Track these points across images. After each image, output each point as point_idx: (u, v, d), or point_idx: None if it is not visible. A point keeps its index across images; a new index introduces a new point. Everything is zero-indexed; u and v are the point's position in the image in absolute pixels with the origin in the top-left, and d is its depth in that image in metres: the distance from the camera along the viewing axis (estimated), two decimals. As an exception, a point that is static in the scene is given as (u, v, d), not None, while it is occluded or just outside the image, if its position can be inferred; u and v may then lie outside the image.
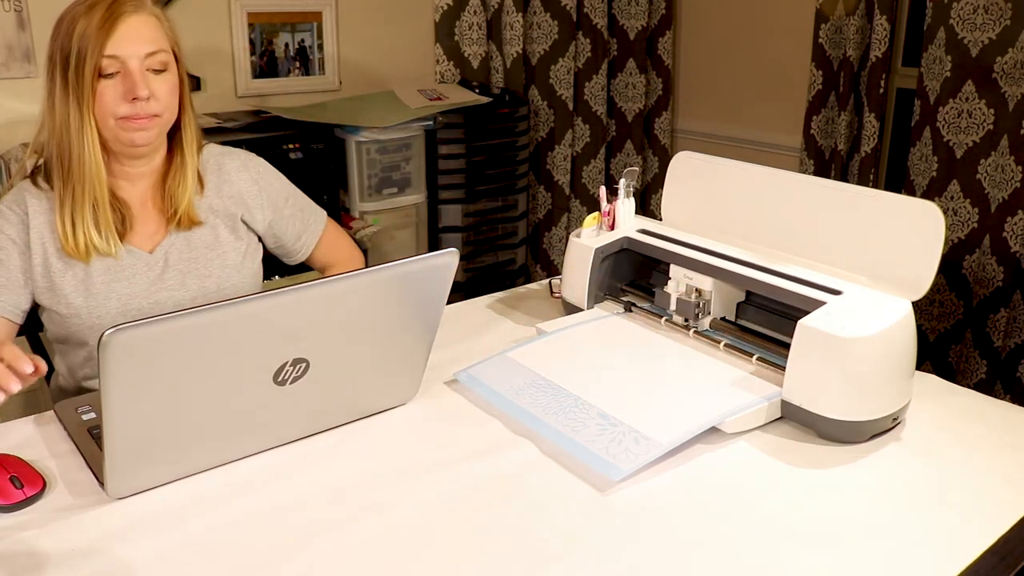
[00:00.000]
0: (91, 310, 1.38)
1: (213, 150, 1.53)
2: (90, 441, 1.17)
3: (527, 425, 1.23)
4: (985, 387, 2.81)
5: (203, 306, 0.96)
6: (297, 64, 3.05)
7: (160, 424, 1.02)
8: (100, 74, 1.31)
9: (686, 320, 1.43)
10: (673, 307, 1.44)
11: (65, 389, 1.47)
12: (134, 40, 1.32)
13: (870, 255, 1.32)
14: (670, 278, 1.46)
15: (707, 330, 1.42)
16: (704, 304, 1.41)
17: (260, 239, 1.57)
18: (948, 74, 2.71)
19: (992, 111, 2.66)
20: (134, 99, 1.32)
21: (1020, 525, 1.03)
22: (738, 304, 1.44)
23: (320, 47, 3.09)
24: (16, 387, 1.00)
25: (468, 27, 3.32)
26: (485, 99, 3.08)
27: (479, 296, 1.73)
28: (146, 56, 1.33)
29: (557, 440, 1.18)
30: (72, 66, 1.30)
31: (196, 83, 1.39)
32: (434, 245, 3.07)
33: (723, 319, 1.43)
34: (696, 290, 1.41)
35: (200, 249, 1.47)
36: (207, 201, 1.48)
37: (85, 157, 1.32)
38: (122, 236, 1.40)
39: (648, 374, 1.33)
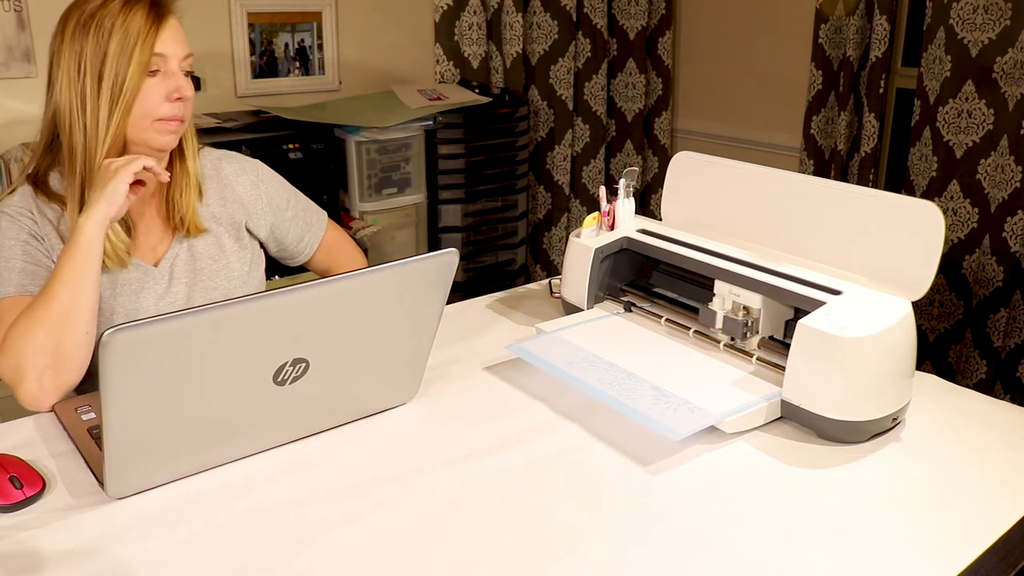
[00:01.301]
0: (98, 327, 1.32)
1: (209, 154, 1.50)
2: (90, 441, 1.17)
3: (586, 395, 1.29)
4: (985, 387, 2.81)
5: (203, 306, 0.96)
6: (297, 64, 3.06)
7: (160, 424, 1.02)
8: (146, 72, 1.29)
9: (732, 339, 1.39)
10: (719, 325, 1.39)
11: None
12: (176, 41, 1.32)
13: (870, 255, 1.32)
14: (715, 294, 1.41)
15: (707, 329, 1.42)
16: (752, 323, 1.37)
17: (262, 245, 1.55)
18: (948, 74, 2.71)
19: (992, 111, 2.66)
20: (178, 99, 1.31)
21: (1020, 525, 1.03)
22: (786, 322, 1.39)
23: (320, 47, 3.09)
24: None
25: (468, 27, 3.32)
26: (485, 99, 3.08)
27: (479, 296, 1.73)
28: (184, 57, 1.33)
29: (615, 407, 1.23)
30: (113, 63, 1.27)
31: (196, 83, 1.39)
32: (434, 245, 3.07)
33: (771, 338, 1.38)
34: (744, 308, 1.38)
35: (204, 260, 1.44)
36: (209, 209, 1.46)
37: (105, 160, 1.29)
38: (129, 249, 1.37)
39: (664, 367, 1.34)
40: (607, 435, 1.22)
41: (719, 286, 1.40)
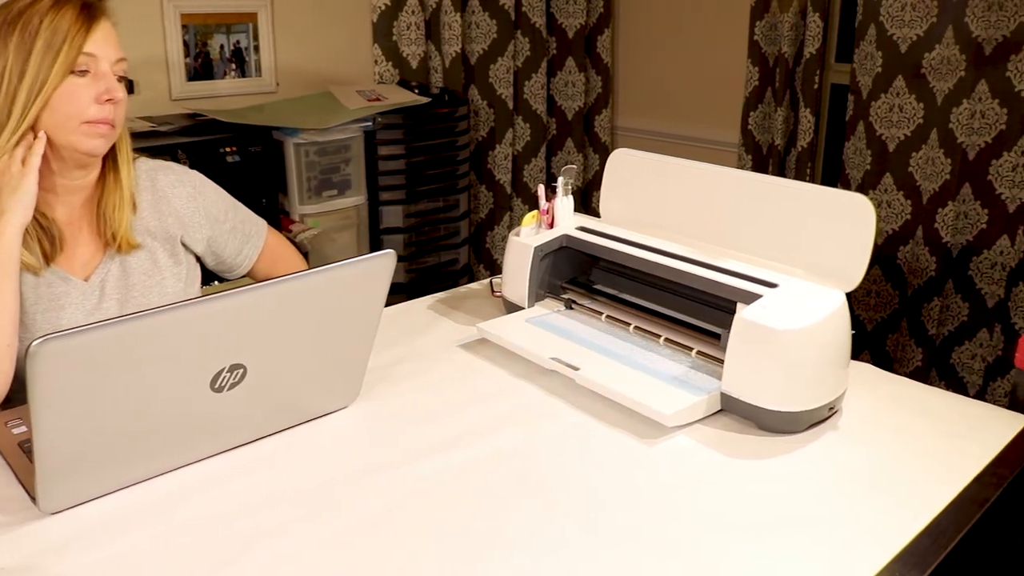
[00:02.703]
0: (24, 342, 1.27)
1: (144, 165, 1.45)
2: (21, 455, 1.13)
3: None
4: (921, 374, 2.88)
5: (134, 313, 0.94)
6: (233, 66, 3.02)
7: (93, 435, 1.00)
8: (71, 71, 1.26)
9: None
10: None
11: None
12: (108, 43, 1.29)
13: (804, 248, 1.34)
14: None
15: (647, 325, 1.43)
16: None
17: (199, 259, 1.50)
18: (879, 70, 2.77)
19: (922, 105, 2.72)
20: (108, 100, 1.28)
21: (951, 507, 1.06)
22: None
23: (256, 48, 3.05)
24: None
25: (406, 27, 3.31)
26: (424, 99, 3.07)
27: (422, 297, 1.72)
28: (116, 61, 1.30)
29: (641, 370, 1.32)
30: (37, 59, 1.23)
31: (129, 86, 1.35)
32: (375, 247, 3.05)
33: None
34: None
35: (137, 275, 1.39)
36: (143, 222, 1.41)
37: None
38: (49, 258, 1.32)
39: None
40: (549, 434, 1.22)
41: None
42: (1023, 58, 2.50)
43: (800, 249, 1.34)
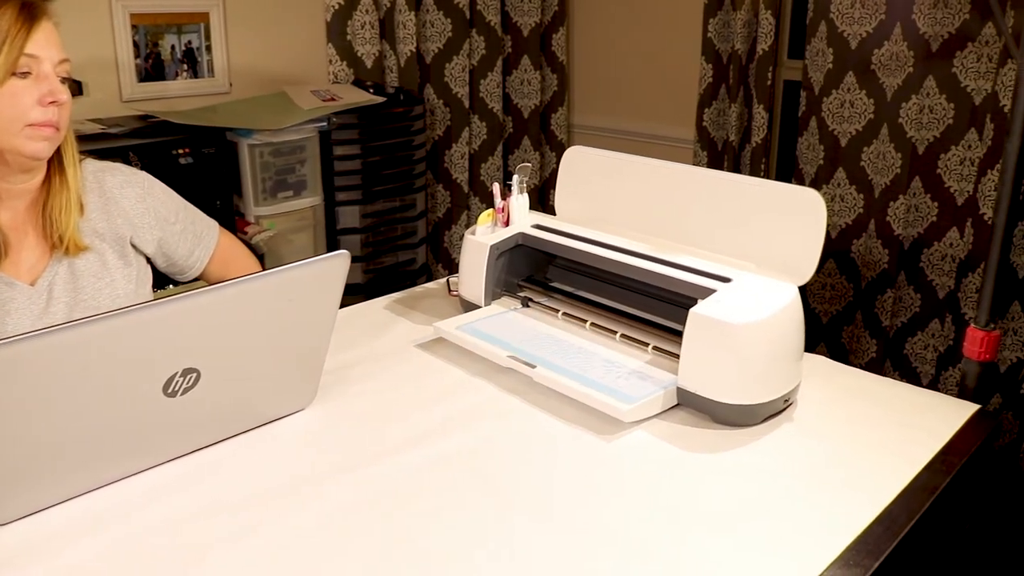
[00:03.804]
0: None
1: (91, 166, 1.42)
2: (-31, 465, 1.11)
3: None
4: (876, 366, 2.92)
5: (83, 319, 0.92)
6: (185, 67, 2.98)
7: (42, 444, 0.98)
8: (12, 73, 1.23)
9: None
10: None
11: None
12: (51, 43, 1.26)
13: (757, 243, 1.35)
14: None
15: (603, 321, 1.44)
16: None
17: (150, 261, 1.48)
18: (831, 66, 2.80)
19: (872, 101, 2.76)
20: (52, 103, 1.25)
21: (902, 496, 1.07)
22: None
23: (208, 49, 3.01)
24: None
25: (360, 26, 3.29)
26: (380, 99, 3.06)
27: (380, 297, 1.71)
28: (59, 62, 1.27)
29: (571, 378, 1.29)
30: None
31: (78, 87, 1.33)
32: (332, 247, 3.03)
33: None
34: None
35: (87, 278, 1.37)
36: (91, 224, 1.38)
37: None
38: None
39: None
40: (507, 432, 1.22)
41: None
42: (968, 54, 2.55)
43: (753, 244, 1.36)
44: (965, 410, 1.29)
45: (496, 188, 1.58)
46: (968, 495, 1.23)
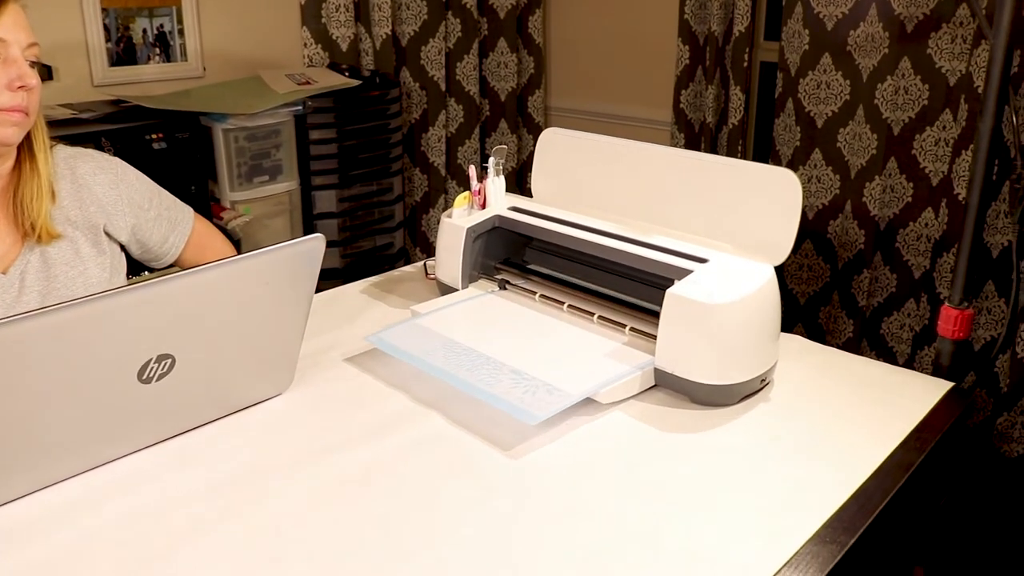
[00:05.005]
0: None
1: (62, 152, 1.40)
2: (-60, 454, 1.10)
3: (445, 383, 1.24)
4: (852, 345, 2.94)
5: (56, 305, 0.91)
6: (157, 51, 2.95)
7: (14, 433, 0.97)
8: None
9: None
10: None
11: None
12: (19, 26, 1.24)
13: (733, 223, 1.35)
14: None
15: (581, 303, 1.44)
16: None
17: (124, 248, 1.47)
18: (807, 47, 2.81)
19: (848, 82, 2.77)
20: (21, 87, 1.23)
21: (876, 474, 1.08)
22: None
23: (181, 32, 2.98)
24: None
25: (335, 9, 3.26)
26: (355, 82, 3.04)
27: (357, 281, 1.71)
28: (28, 46, 1.25)
29: (473, 393, 1.21)
30: None
31: (48, 72, 1.31)
32: (309, 232, 2.99)
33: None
34: None
35: (59, 266, 1.35)
36: (63, 212, 1.36)
37: None
38: None
39: (528, 348, 1.34)
40: (482, 415, 1.21)
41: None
42: (943, 35, 2.56)
43: (730, 224, 1.36)
44: (939, 388, 1.30)
45: (472, 170, 1.57)
46: (942, 472, 1.24)
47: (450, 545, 0.95)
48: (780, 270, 1.27)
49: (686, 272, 1.27)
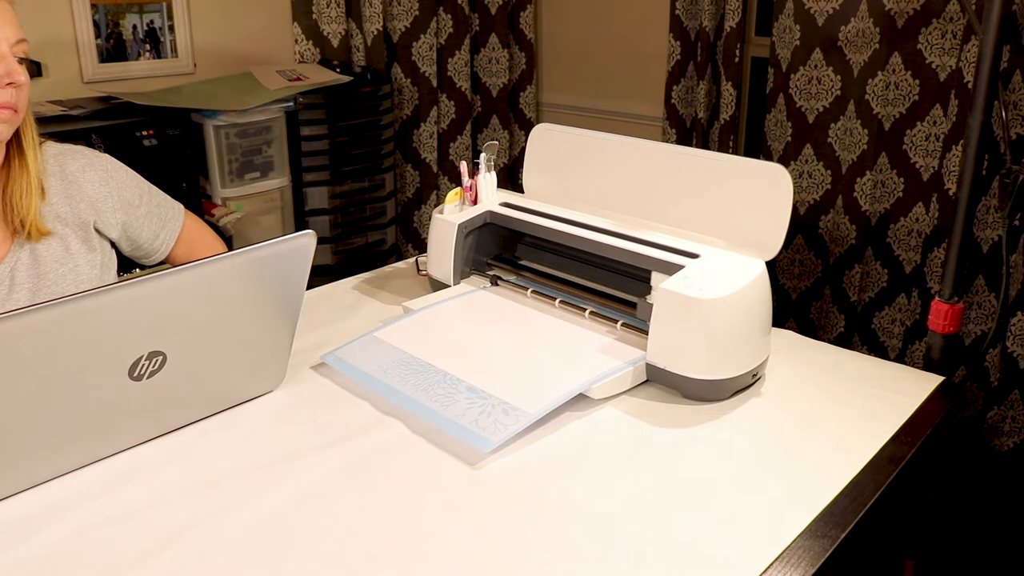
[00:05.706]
0: None
1: (51, 149, 1.40)
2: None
3: (396, 403, 1.21)
4: (844, 340, 2.95)
5: (46, 302, 0.91)
6: (147, 47, 2.93)
7: (5, 431, 0.96)
8: None
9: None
10: None
11: None
12: (6, 24, 1.23)
13: (725, 218, 1.36)
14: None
15: (573, 299, 1.44)
16: None
17: (114, 245, 1.46)
18: (798, 43, 2.81)
19: (839, 77, 2.77)
20: (9, 84, 1.22)
21: (868, 468, 1.09)
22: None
23: (172, 29, 2.97)
24: None
25: (326, 5, 3.25)
26: (346, 78, 3.03)
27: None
28: (16, 42, 1.24)
29: (427, 416, 1.17)
30: None
31: (36, 68, 1.30)
32: (301, 229, 3.00)
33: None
34: None
35: (49, 264, 1.34)
36: (53, 209, 1.36)
37: None
38: None
39: (517, 346, 1.34)
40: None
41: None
42: (933, 31, 2.56)
43: (721, 220, 1.36)
44: (930, 382, 1.31)
45: (463, 166, 1.57)
46: (933, 466, 1.25)
47: (440, 540, 0.95)
48: (771, 265, 1.28)
49: (677, 267, 1.27)
